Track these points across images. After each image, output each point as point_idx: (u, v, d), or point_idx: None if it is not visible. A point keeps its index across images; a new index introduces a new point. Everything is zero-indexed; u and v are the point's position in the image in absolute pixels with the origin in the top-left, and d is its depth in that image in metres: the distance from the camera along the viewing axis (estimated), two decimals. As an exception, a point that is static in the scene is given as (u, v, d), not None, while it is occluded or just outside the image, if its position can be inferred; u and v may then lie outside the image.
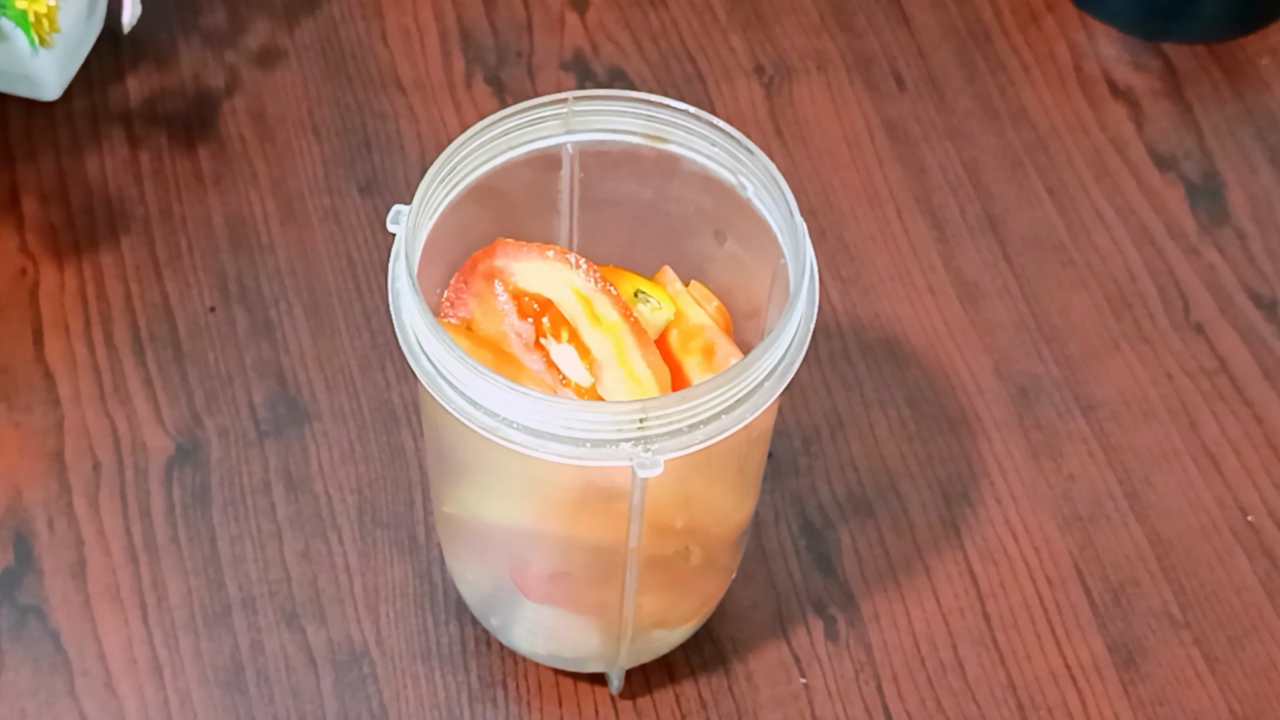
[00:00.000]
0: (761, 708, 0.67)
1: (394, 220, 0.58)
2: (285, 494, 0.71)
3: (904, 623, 0.69)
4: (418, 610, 0.69)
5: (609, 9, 0.85)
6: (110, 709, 0.66)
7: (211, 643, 0.68)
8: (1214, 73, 0.85)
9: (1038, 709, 0.67)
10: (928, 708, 0.67)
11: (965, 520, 0.72)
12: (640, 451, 0.54)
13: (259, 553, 0.70)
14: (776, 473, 0.72)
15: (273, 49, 0.83)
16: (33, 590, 0.69)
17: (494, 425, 0.54)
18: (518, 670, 0.68)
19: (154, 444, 0.72)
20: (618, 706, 0.67)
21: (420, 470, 0.72)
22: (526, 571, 0.64)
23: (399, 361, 0.73)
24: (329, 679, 0.67)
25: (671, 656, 0.67)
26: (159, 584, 0.69)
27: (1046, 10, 0.86)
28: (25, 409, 0.73)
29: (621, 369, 0.59)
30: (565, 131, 0.60)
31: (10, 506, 0.70)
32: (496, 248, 0.61)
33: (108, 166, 0.79)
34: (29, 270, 0.76)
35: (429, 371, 0.55)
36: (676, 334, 0.62)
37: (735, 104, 0.83)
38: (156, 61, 0.83)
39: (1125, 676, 0.68)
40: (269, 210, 0.78)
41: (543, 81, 0.83)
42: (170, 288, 0.76)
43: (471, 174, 0.60)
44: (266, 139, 0.80)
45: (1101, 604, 0.70)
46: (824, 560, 0.70)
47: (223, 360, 0.74)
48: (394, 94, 0.82)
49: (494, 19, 0.85)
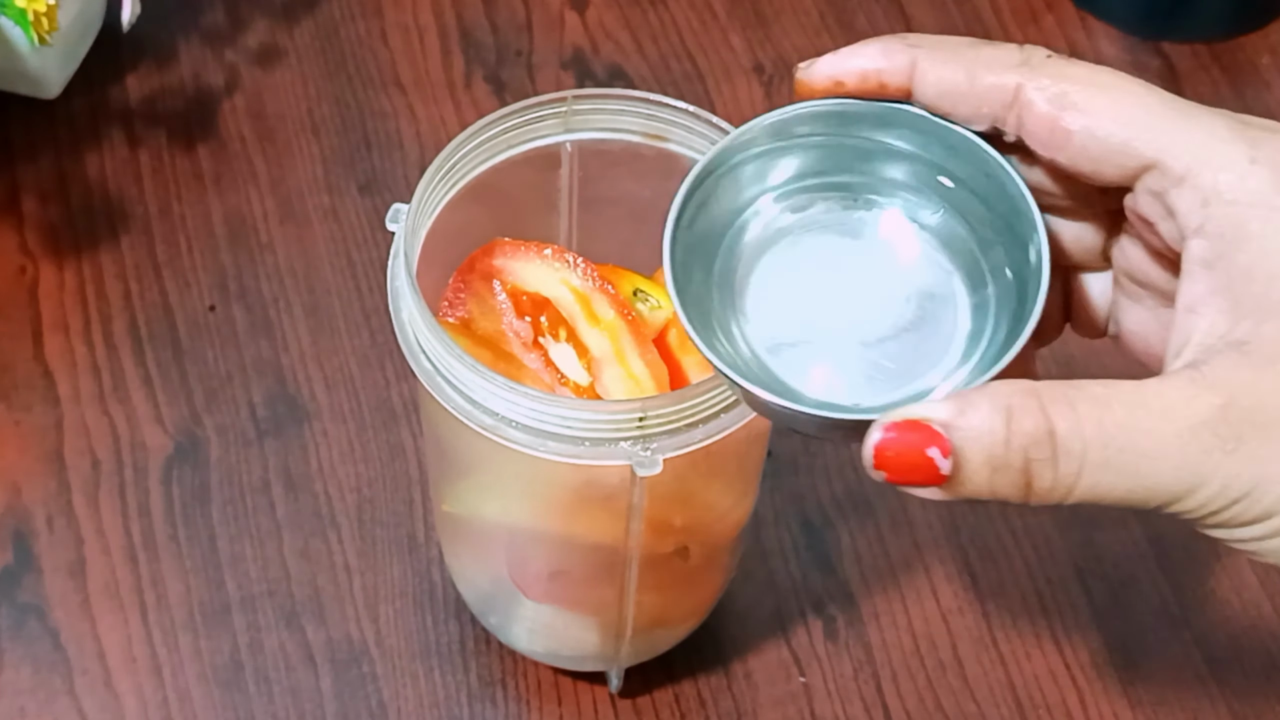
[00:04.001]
0: (761, 706, 0.67)
1: (393, 219, 0.58)
2: (284, 493, 0.71)
3: (903, 622, 0.69)
4: (417, 609, 0.69)
5: (609, 8, 0.85)
6: (109, 708, 0.66)
7: (211, 641, 0.68)
8: (1214, 72, 0.85)
9: (1037, 708, 0.67)
10: (927, 706, 0.67)
11: (965, 520, 0.72)
12: (639, 450, 0.54)
13: (258, 552, 0.70)
14: (776, 471, 0.72)
15: (272, 48, 0.83)
16: (32, 589, 0.69)
17: (493, 424, 0.54)
18: (517, 669, 0.68)
19: (153, 443, 0.72)
20: (617, 705, 0.67)
21: (420, 469, 0.72)
22: (525, 570, 0.64)
23: (398, 360, 0.73)
24: (328, 678, 0.67)
25: (671, 655, 0.67)
26: (158, 583, 0.69)
27: (1046, 10, 0.86)
28: (24, 408, 0.73)
29: (620, 368, 0.59)
30: (564, 130, 0.60)
31: (9, 505, 0.70)
32: (495, 247, 0.61)
33: (107, 165, 0.79)
34: (28, 269, 0.76)
35: (428, 370, 0.55)
36: (675, 333, 0.62)
37: (735, 103, 0.83)
38: (156, 60, 0.83)
39: (1125, 676, 0.68)
40: (268, 209, 0.78)
41: (542, 80, 0.83)
42: (170, 287, 0.76)
43: (471, 173, 0.60)
44: (266, 138, 0.80)
45: (1101, 604, 0.70)
46: (823, 559, 0.70)
47: (222, 359, 0.74)
48: (394, 93, 0.82)
49: (494, 18, 0.85)
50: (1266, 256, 0.43)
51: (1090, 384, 0.43)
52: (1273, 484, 0.42)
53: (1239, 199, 0.43)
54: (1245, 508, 0.42)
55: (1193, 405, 0.42)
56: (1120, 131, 0.44)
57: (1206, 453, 0.42)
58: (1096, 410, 0.42)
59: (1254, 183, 0.43)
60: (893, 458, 0.42)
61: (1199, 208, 0.43)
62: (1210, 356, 0.43)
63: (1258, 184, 0.43)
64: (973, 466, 0.42)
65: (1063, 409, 0.42)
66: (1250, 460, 0.42)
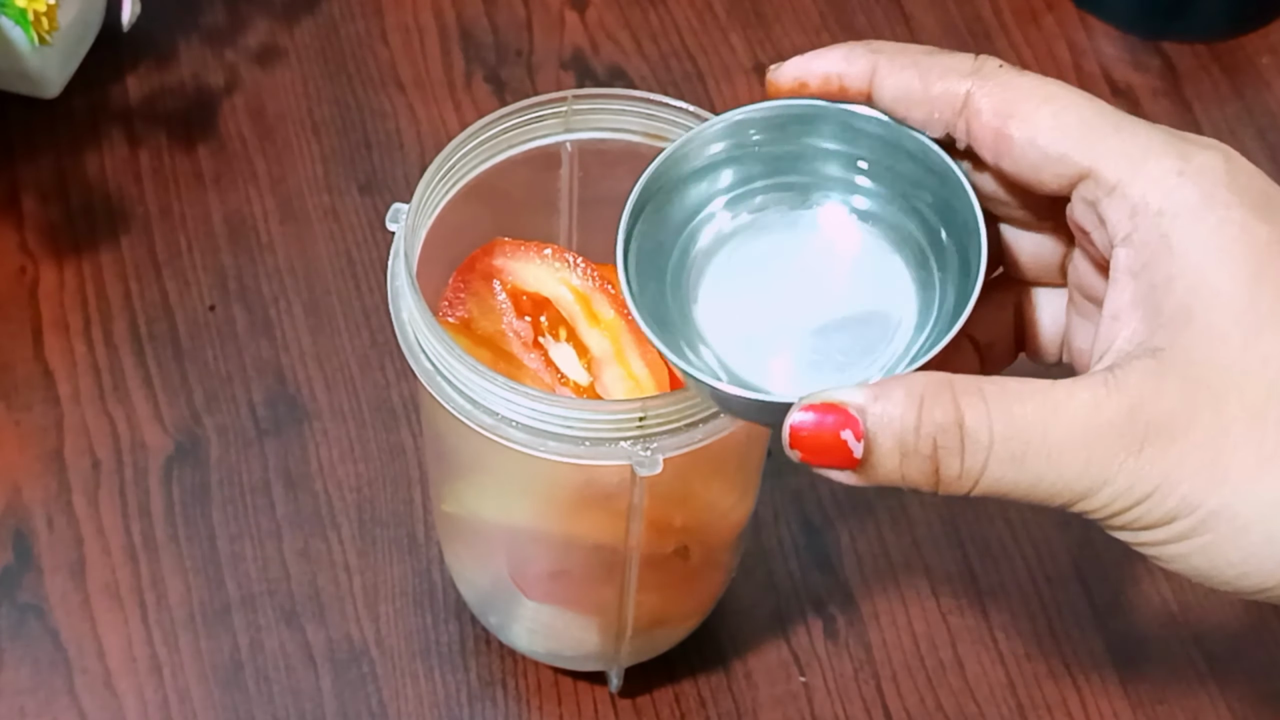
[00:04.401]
0: (761, 706, 0.67)
1: (393, 219, 0.58)
2: (284, 492, 0.71)
3: (903, 621, 0.69)
4: (417, 609, 0.69)
5: (609, 8, 0.85)
6: (109, 707, 0.66)
7: (211, 641, 0.68)
8: (1214, 71, 0.85)
9: (1037, 708, 0.67)
10: (927, 706, 0.67)
11: (965, 519, 0.72)
12: (639, 450, 0.54)
13: (258, 551, 0.70)
14: (776, 471, 0.72)
15: (272, 48, 0.83)
16: (32, 589, 0.69)
17: (493, 424, 0.54)
18: (517, 669, 0.68)
19: (153, 442, 0.72)
20: (617, 705, 0.67)
21: (419, 469, 0.72)
22: (525, 570, 0.64)
23: (398, 360, 0.73)
24: (328, 677, 0.67)
25: (671, 655, 0.67)
26: (158, 582, 0.69)
27: (1046, 9, 0.86)
28: (24, 407, 0.73)
29: (620, 367, 0.59)
30: (564, 130, 0.60)
31: (9, 505, 0.70)
32: (494, 247, 0.61)
33: (107, 165, 0.79)
34: (28, 269, 0.76)
35: (428, 370, 0.55)
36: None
37: (735, 103, 0.81)
38: (156, 60, 0.83)
39: (1125, 676, 0.68)
40: (268, 209, 0.78)
41: (542, 80, 0.83)
42: (170, 286, 0.76)
43: (471, 173, 0.60)
44: (266, 138, 0.80)
45: (1101, 603, 0.70)
46: (823, 559, 0.70)
47: (222, 359, 0.74)
48: (394, 93, 0.82)
49: (494, 18, 0.85)
50: (1187, 268, 0.44)
51: (1007, 380, 0.44)
52: (1175, 487, 0.43)
53: (1165, 210, 0.44)
54: (1147, 509, 0.43)
55: (1102, 407, 0.43)
56: (1058, 141, 0.46)
57: (1112, 454, 0.43)
58: (1007, 404, 0.43)
59: (1180, 195, 0.44)
60: (807, 438, 0.44)
61: (1127, 218, 0.44)
62: (1126, 361, 0.44)
63: (1184, 196, 0.44)
64: (883, 451, 0.44)
65: (974, 401, 0.43)
66: (1153, 464, 0.43)
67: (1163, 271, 0.44)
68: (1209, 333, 0.43)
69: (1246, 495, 0.43)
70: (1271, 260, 0.43)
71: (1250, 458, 0.43)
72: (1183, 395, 0.43)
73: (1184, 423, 0.43)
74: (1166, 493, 0.43)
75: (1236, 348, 0.43)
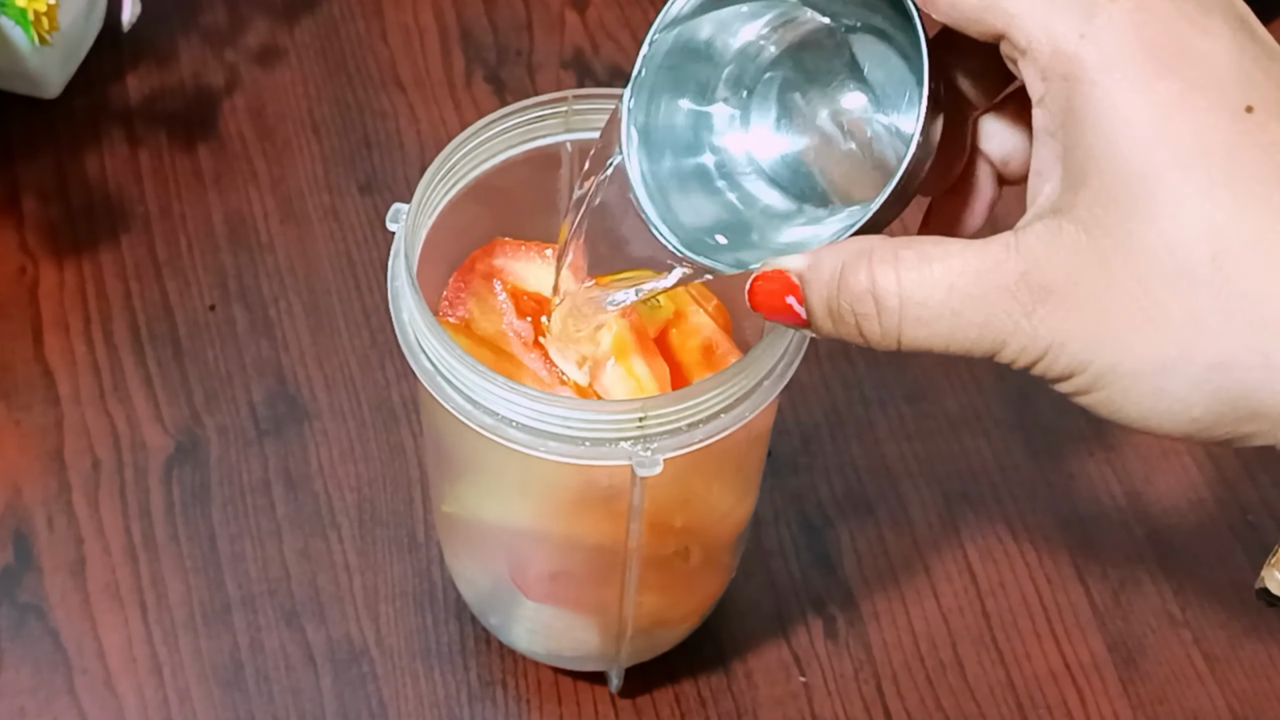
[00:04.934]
0: (761, 706, 0.67)
1: (393, 219, 0.58)
2: (285, 492, 0.71)
3: (904, 621, 0.69)
4: (417, 609, 0.69)
5: (609, 7, 0.85)
6: (109, 707, 0.66)
7: (211, 641, 0.68)
8: (1214, 72, 0.85)
9: (1037, 708, 0.67)
10: (927, 706, 0.67)
11: (965, 520, 0.72)
12: (639, 450, 0.54)
13: (258, 551, 0.70)
14: (776, 471, 0.72)
15: (272, 48, 0.83)
16: (32, 589, 0.69)
17: (493, 424, 0.54)
18: (517, 669, 0.68)
19: (153, 442, 0.72)
20: (617, 705, 0.67)
21: (419, 469, 0.72)
22: (526, 570, 0.64)
23: (398, 360, 0.73)
24: (328, 677, 0.67)
25: (671, 655, 0.67)
26: (158, 583, 0.69)
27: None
28: (25, 407, 0.73)
29: (620, 368, 0.59)
30: (564, 130, 0.60)
31: (10, 505, 0.70)
32: (495, 247, 0.61)
33: (107, 165, 0.79)
34: (28, 269, 0.76)
35: (428, 370, 0.55)
36: (676, 333, 0.62)
37: (735, 103, 0.82)
38: (156, 60, 0.83)
39: (1125, 676, 0.68)
40: (269, 209, 0.78)
41: (543, 80, 0.83)
42: (170, 286, 0.76)
43: (471, 173, 0.60)
44: (266, 138, 0.80)
45: (1101, 603, 0.70)
46: (823, 559, 0.70)
47: (222, 359, 0.74)
48: (394, 93, 0.82)
49: (494, 17, 0.85)
50: (1086, 131, 0.45)
51: (925, 242, 0.46)
52: (1065, 346, 0.45)
53: (1068, 75, 0.45)
54: (1048, 366, 0.45)
55: (1000, 269, 0.45)
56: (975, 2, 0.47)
57: (1007, 314, 0.45)
58: (916, 269, 0.46)
59: (1081, 59, 0.44)
60: (762, 300, 0.49)
61: (1039, 81, 0.45)
62: (1031, 223, 0.45)
63: (1085, 59, 0.44)
64: (818, 315, 0.48)
65: (885, 269, 0.46)
66: (1043, 323, 0.45)
67: (1072, 134, 0.45)
68: (1100, 196, 0.44)
69: (1130, 354, 0.44)
70: (1170, 118, 0.44)
71: (1134, 318, 0.44)
72: (1074, 257, 0.44)
73: (1072, 284, 0.44)
74: (1058, 352, 0.45)
75: (1125, 211, 0.44)
